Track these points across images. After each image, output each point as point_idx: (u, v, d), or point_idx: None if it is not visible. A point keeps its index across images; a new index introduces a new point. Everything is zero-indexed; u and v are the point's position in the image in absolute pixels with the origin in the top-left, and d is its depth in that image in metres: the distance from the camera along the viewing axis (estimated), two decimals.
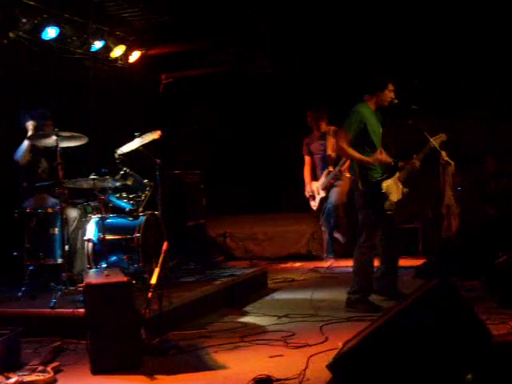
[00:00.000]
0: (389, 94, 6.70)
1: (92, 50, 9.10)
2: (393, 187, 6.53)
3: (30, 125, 7.09)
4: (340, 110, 8.55)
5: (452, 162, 6.83)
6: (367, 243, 6.65)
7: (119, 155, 7.33)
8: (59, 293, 6.15)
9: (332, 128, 9.49)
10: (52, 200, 7.00)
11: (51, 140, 6.54)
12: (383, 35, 9.96)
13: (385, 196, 6.47)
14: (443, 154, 6.80)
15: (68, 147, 6.82)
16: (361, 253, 6.68)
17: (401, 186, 6.62)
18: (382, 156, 6.56)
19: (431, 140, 6.71)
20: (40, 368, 4.76)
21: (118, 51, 9.65)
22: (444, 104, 10.42)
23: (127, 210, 7.27)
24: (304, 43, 10.39)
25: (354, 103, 6.80)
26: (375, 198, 6.52)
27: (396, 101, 6.71)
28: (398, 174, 6.64)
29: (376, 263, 6.92)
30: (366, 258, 6.66)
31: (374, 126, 6.68)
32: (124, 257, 6.86)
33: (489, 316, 5.67)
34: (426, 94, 10.08)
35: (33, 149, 7.06)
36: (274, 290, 8.26)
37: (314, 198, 9.87)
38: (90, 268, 6.79)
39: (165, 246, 5.54)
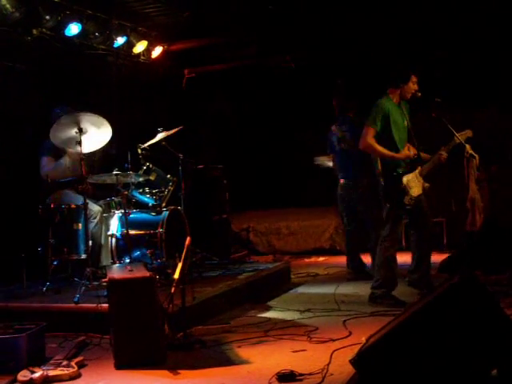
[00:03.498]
0: (412, 86, 6.64)
1: (115, 45, 9.14)
2: (413, 182, 6.47)
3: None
4: (365, 103, 8.55)
5: (476, 156, 6.76)
6: (390, 237, 6.62)
7: (142, 150, 7.35)
8: (83, 288, 6.18)
9: None
10: (75, 195, 7.04)
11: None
12: (406, 27, 9.88)
13: (404, 191, 6.43)
14: (467, 147, 6.74)
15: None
16: (384, 247, 6.64)
17: (422, 181, 6.57)
18: (410, 153, 6.52)
19: (454, 133, 6.66)
20: (64, 362, 4.79)
21: (140, 47, 9.68)
22: (469, 96, 10.34)
23: (150, 205, 7.29)
24: (327, 37, 10.34)
25: (378, 96, 6.75)
26: (395, 193, 6.48)
27: (420, 94, 6.65)
28: (419, 169, 6.58)
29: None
30: (389, 253, 6.63)
31: (398, 119, 6.61)
32: (147, 252, 6.88)
33: None
34: (451, 86, 10.01)
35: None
36: (298, 285, 8.25)
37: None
38: (114, 263, 6.82)
39: (188, 240, 5.53)
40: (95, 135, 6.60)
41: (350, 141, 8.27)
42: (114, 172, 6.72)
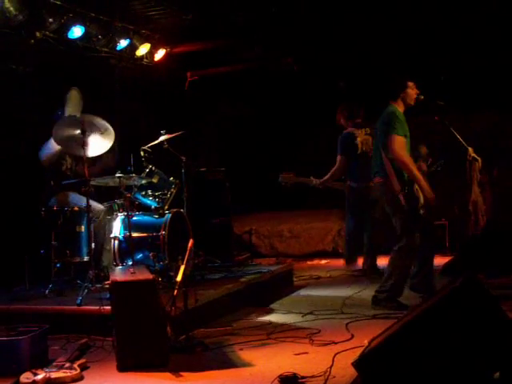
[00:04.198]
0: (412, 92, 6.60)
1: (117, 48, 9.14)
2: (419, 190, 6.46)
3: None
4: (368, 107, 8.59)
5: (479, 158, 6.76)
6: (407, 247, 6.50)
7: (145, 152, 7.36)
8: (85, 290, 6.20)
9: None
10: (78, 198, 7.05)
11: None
12: (408, 30, 9.90)
13: (418, 197, 6.41)
14: (470, 150, 6.74)
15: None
16: (399, 256, 6.55)
17: None
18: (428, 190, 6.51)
19: (457, 135, 6.66)
20: (67, 365, 4.80)
21: (143, 49, 9.68)
22: (470, 99, 10.35)
23: (153, 207, 7.30)
24: (329, 39, 10.36)
25: (379, 98, 6.74)
26: (412, 200, 6.42)
27: (422, 97, 6.63)
28: None
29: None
30: (405, 263, 6.56)
31: (407, 128, 6.59)
32: (150, 254, 6.88)
33: None
34: (452, 88, 10.01)
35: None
36: (300, 288, 8.26)
37: None
38: (116, 265, 6.83)
39: (190, 243, 5.55)
40: (98, 140, 6.61)
41: (371, 144, 8.34)
42: (117, 174, 6.72)
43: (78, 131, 6.43)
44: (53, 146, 6.99)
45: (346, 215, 9.04)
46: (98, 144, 6.62)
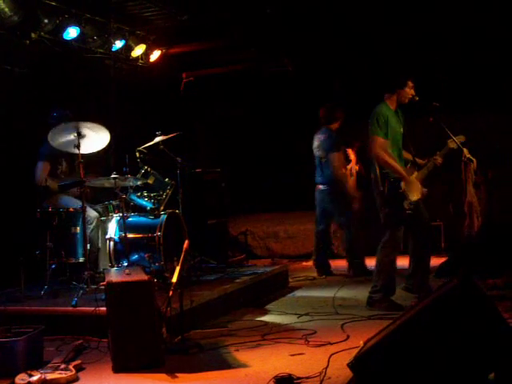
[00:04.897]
0: (409, 91, 6.63)
1: (113, 49, 9.13)
2: (411, 186, 6.47)
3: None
4: (361, 107, 8.59)
5: (474, 159, 6.77)
6: (390, 243, 6.58)
7: (140, 153, 7.36)
8: (81, 291, 6.19)
9: None
10: (73, 199, 7.05)
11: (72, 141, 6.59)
12: (406, 33, 9.92)
13: (403, 195, 6.41)
14: (465, 151, 6.75)
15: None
16: (384, 253, 6.60)
17: (420, 186, 6.58)
18: (415, 183, 6.55)
19: (452, 137, 6.68)
20: (62, 366, 4.79)
21: (138, 50, 9.68)
22: (465, 100, 10.36)
23: (148, 208, 7.30)
24: (324, 41, 10.36)
25: (374, 100, 6.75)
26: (394, 198, 6.45)
27: (417, 98, 6.64)
28: (415, 174, 6.61)
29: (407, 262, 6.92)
30: (389, 258, 6.60)
31: (395, 127, 6.60)
32: (145, 255, 6.89)
33: None
34: (448, 90, 10.03)
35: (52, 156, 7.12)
36: (296, 288, 8.26)
37: None
38: (112, 266, 6.83)
39: (186, 244, 5.54)
40: (94, 139, 6.63)
41: (324, 150, 8.87)
42: (112, 175, 6.73)
43: (74, 134, 6.45)
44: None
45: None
46: (95, 142, 6.68)
